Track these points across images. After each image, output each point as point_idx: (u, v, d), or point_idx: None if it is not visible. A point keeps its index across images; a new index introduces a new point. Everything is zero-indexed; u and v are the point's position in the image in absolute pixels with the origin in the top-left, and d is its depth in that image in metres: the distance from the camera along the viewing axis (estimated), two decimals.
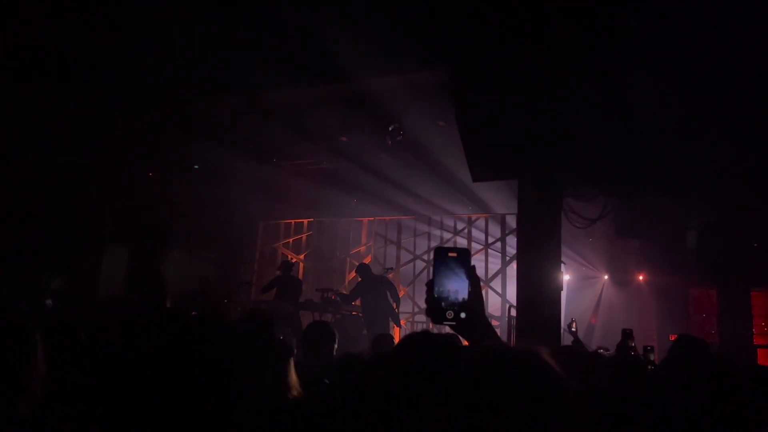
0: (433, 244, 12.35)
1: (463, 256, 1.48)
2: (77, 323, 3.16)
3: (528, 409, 1.00)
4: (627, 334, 4.14)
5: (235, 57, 7.25)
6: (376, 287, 9.63)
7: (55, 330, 2.50)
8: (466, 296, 1.44)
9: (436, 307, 1.44)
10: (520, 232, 5.74)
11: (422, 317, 12.04)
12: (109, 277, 10.29)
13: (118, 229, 10.29)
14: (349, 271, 12.89)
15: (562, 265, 5.94)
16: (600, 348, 5.39)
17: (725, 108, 5.80)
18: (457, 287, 1.45)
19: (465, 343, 1.60)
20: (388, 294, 9.63)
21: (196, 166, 11.07)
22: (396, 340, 6.04)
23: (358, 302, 9.88)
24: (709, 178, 7.18)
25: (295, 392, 2.79)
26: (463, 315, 1.43)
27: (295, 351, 3.84)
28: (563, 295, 6.27)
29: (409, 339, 1.83)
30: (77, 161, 9.21)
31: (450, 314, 1.43)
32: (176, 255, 11.99)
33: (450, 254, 1.47)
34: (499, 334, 1.64)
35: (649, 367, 4.33)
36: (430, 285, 1.46)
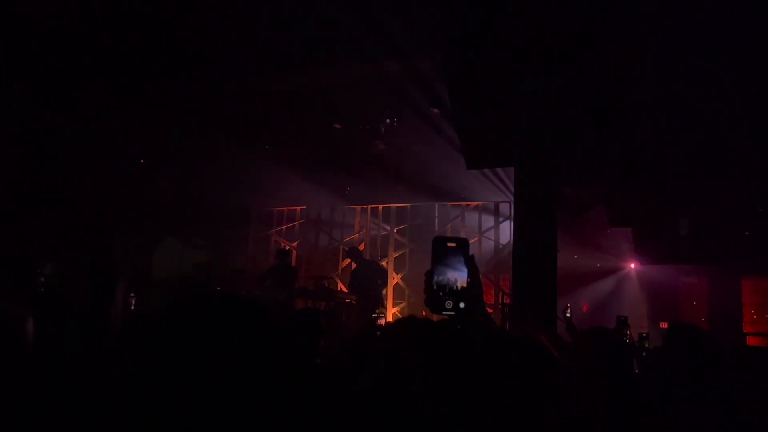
0: (427, 231, 12.34)
1: (462, 246, 1.46)
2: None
3: (526, 393, 1.00)
4: (622, 322, 4.17)
5: (229, 41, 7.17)
6: (369, 273, 9.68)
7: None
8: (465, 285, 1.43)
9: (435, 297, 1.43)
10: (517, 219, 5.73)
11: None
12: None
13: (111, 216, 10.22)
14: (342, 259, 12.89)
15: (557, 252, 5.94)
16: None
17: (719, 97, 5.80)
18: (456, 276, 1.43)
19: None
20: (379, 281, 9.68)
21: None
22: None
23: (341, 287, 10.00)
24: (700, 165, 7.21)
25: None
26: (462, 305, 1.42)
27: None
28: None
29: (398, 324, 1.82)
30: (68, 148, 9.13)
31: (449, 304, 1.42)
32: (169, 242, 11.95)
33: (449, 244, 1.46)
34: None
35: (643, 353, 4.36)
36: (429, 275, 1.44)
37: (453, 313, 1.42)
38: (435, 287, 1.43)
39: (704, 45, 5.09)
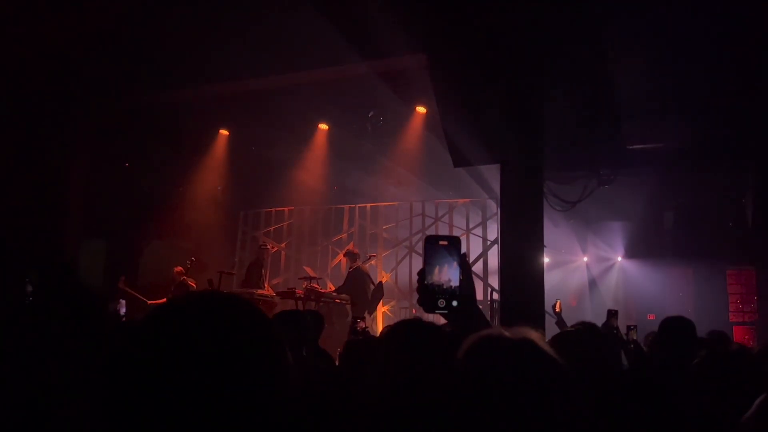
0: (415, 230, 12.36)
1: (454, 244, 1.47)
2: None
3: (528, 397, 1.00)
4: (612, 314, 4.22)
5: (212, 43, 7.14)
6: (363, 276, 9.79)
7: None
8: (457, 284, 1.44)
9: (427, 296, 1.43)
10: (503, 216, 5.77)
11: (405, 303, 12.08)
12: (86, 271, 10.16)
13: (95, 221, 10.14)
14: (332, 259, 12.87)
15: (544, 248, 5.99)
16: None
17: (701, 89, 5.87)
18: (448, 275, 1.44)
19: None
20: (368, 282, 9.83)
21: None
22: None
23: (330, 287, 10.16)
24: (685, 158, 7.29)
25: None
26: (454, 303, 1.43)
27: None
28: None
29: (402, 327, 1.81)
30: (52, 153, 9.03)
31: (442, 303, 1.42)
32: (155, 246, 11.86)
33: (441, 242, 1.46)
34: None
35: (631, 345, 4.41)
36: (422, 274, 1.45)
37: (446, 311, 1.43)
38: (427, 286, 1.43)
39: (688, 41, 5.14)
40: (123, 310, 4.99)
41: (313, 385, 2.66)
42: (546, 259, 10.59)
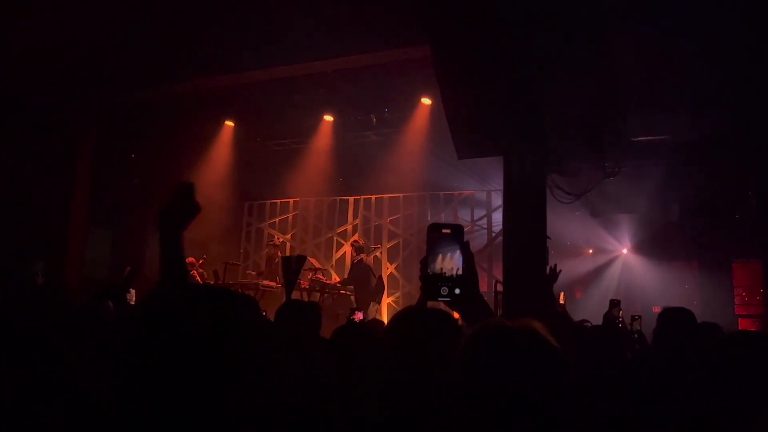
0: (419, 221, 12.36)
1: (457, 232, 1.48)
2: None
3: (529, 386, 1.01)
4: (614, 304, 4.23)
5: (218, 34, 7.14)
6: (366, 269, 9.83)
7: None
8: (460, 272, 1.45)
9: (430, 284, 1.44)
10: (507, 208, 5.77)
11: (410, 294, 12.10)
12: (92, 261, 10.23)
13: (102, 212, 10.20)
14: (336, 250, 12.89)
15: (548, 239, 5.99)
16: (584, 320, 5.46)
17: (706, 81, 5.84)
18: (451, 263, 1.45)
19: (456, 316, 1.60)
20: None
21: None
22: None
23: (335, 278, 10.23)
24: (690, 151, 7.26)
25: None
26: (457, 291, 1.44)
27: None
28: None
29: (405, 314, 1.81)
30: (59, 145, 9.07)
31: (444, 290, 1.43)
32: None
33: (444, 230, 1.47)
34: None
35: (635, 335, 4.42)
36: (424, 262, 1.46)
37: (449, 299, 1.44)
38: (430, 274, 1.44)
39: (694, 33, 5.12)
40: (134, 300, 5.03)
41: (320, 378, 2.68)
42: (551, 251, 10.59)
